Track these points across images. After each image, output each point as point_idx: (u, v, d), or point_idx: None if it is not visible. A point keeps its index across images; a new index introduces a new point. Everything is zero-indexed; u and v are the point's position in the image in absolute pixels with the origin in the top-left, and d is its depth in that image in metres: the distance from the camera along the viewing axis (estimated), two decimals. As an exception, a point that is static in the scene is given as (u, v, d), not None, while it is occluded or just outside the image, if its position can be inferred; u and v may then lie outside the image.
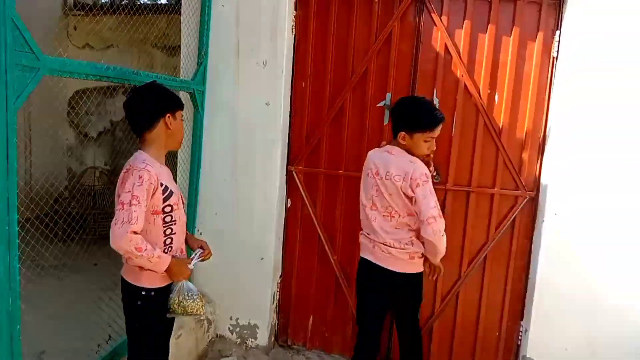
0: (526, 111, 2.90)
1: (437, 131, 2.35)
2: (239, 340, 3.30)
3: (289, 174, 3.25)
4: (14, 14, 1.60)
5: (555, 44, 2.81)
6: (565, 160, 2.77)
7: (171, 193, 1.98)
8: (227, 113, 3.16)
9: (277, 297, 3.35)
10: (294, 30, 3.13)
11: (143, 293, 1.99)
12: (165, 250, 2.00)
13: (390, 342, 3.21)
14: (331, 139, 3.18)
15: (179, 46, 3.46)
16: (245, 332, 3.28)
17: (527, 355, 2.93)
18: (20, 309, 1.77)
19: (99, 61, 2.18)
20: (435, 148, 2.41)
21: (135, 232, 1.85)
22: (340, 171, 3.17)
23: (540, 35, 2.85)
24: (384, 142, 3.08)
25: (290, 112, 3.20)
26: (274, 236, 3.20)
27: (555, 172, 2.80)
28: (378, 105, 3.08)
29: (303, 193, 3.24)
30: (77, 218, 4.08)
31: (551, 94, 2.85)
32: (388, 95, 3.05)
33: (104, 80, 2.15)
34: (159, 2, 5.39)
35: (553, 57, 2.83)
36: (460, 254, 3.07)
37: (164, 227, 2.00)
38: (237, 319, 3.29)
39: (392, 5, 3.00)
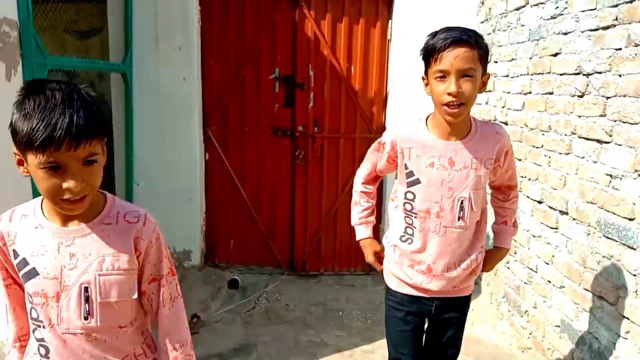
0: (373, 78, 4.14)
1: (452, 60, 1.55)
2: (177, 263, 4.29)
3: (205, 133, 4.23)
4: (35, 33, 2.45)
5: (389, 29, 4.05)
6: (400, 112, 4.05)
7: (32, 273, 1.20)
8: (151, 88, 4.03)
9: (204, 228, 4.37)
10: (199, 21, 4.06)
11: None
12: (42, 355, 1.25)
13: (293, 248, 4.40)
14: (236, 104, 4.20)
15: (88, 31, 4.22)
16: (181, 256, 4.28)
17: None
18: None
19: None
20: (462, 90, 1.57)
21: (12, 309, 1.33)
22: (246, 128, 4.22)
23: (378, 23, 4.07)
24: (276, 106, 4.19)
25: (203, 84, 4.16)
26: (198, 182, 4.20)
27: (394, 119, 4.08)
28: (270, 77, 4.15)
29: (217, 147, 4.25)
30: None
31: (389, 66, 4.11)
32: (277, 70, 4.13)
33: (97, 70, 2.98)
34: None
35: (388, 40, 4.08)
36: (335, 183, 4.29)
37: (32, 324, 1.26)
38: (174, 247, 4.26)
39: (274, 2, 4.04)
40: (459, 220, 1.74)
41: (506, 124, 3.47)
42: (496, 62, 3.65)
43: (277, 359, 3.18)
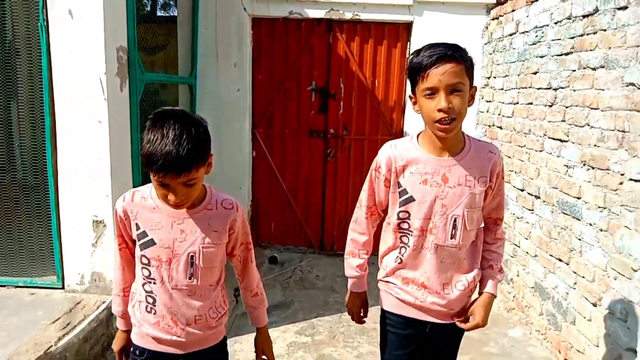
0: (394, 90, 4.94)
1: (439, 76, 1.53)
2: (227, 241, 5.17)
3: (253, 134, 5.11)
4: (138, 56, 3.37)
5: (408, 49, 4.86)
6: (416, 117, 4.84)
7: (149, 242, 1.58)
8: (212, 98, 4.94)
9: (250, 212, 5.25)
10: (251, 43, 4.96)
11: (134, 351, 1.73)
12: (148, 309, 1.64)
13: (323, 231, 5.22)
14: (279, 111, 5.07)
15: (154, 47, 5.17)
16: (231, 236, 5.15)
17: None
18: None
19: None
20: (453, 105, 1.55)
21: (121, 268, 1.73)
22: (287, 131, 5.09)
23: (399, 44, 4.88)
24: (312, 112, 5.03)
25: (253, 95, 5.05)
26: (247, 174, 5.08)
27: (411, 123, 4.87)
28: (307, 89, 5.01)
29: (263, 146, 5.13)
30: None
31: (406, 80, 4.90)
32: (313, 83, 4.99)
33: (169, 83, 3.90)
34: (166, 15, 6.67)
35: (407, 58, 4.88)
36: (360, 176, 5.10)
37: (143, 280, 1.64)
38: (226, 228, 5.14)
39: (312, 27, 4.90)
40: (451, 238, 1.70)
41: (500, 128, 4.23)
42: (495, 77, 4.41)
43: (309, 313, 3.99)
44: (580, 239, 2.93)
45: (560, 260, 3.16)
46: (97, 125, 3.06)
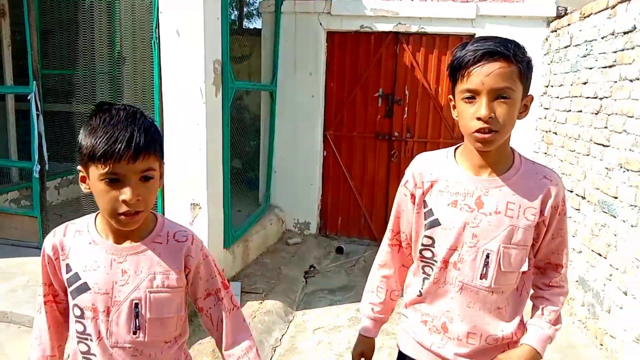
0: (455, 96, 5.32)
1: (483, 77, 1.26)
2: (299, 231, 5.76)
3: (325, 136, 5.67)
4: (230, 67, 4.01)
5: (470, 60, 5.21)
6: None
7: (83, 287, 1.26)
8: (289, 103, 5.55)
9: (320, 206, 5.81)
10: (326, 54, 5.52)
11: None
12: None
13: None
14: (348, 115, 5.60)
15: (241, 57, 5.83)
16: (302, 226, 5.75)
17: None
18: None
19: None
20: (496, 115, 1.28)
21: (47, 327, 1.36)
22: (354, 133, 5.61)
23: (462, 55, 5.25)
24: (378, 116, 5.52)
25: (325, 100, 5.61)
26: (318, 171, 5.65)
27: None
28: (375, 95, 5.50)
29: (333, 146, 5.67)
30: None
31: (468, 87, 5.27)
32: (380, 89, 5.47)
33: (254, 90, 4.54)
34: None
35: (468, 67, 5.24)
36: (422, 177, 5.51)
37: (77, 338, 1.30)
38: (297, 219, 5.74)
39: (381, 40, 5.39)
40: (481, 278, 1.39)
41: (555, 133, 4.50)
42: (552, 86, 4.68)
43: (370, 296, 4.47)
44: (615, 235, 3.22)
45: (600, 255, 3.44)
46: (196, 124, 3.72)
